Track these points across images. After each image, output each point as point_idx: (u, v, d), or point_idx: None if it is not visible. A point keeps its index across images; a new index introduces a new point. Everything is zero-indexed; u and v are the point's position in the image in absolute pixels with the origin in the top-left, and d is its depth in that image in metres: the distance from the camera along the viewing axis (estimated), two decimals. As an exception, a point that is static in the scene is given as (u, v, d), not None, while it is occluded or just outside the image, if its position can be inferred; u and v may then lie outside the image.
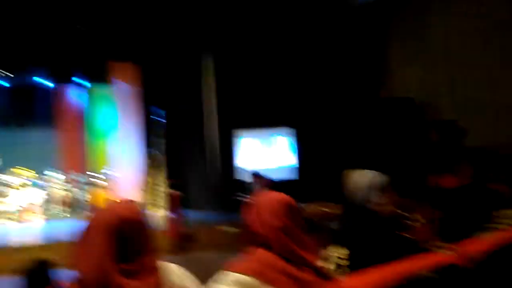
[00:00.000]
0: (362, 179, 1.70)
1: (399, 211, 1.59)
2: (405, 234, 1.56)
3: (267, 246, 1.42)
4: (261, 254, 1.41)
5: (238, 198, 7.82)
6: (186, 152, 12.15)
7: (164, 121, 11.24)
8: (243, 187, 8.57)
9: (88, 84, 12.65)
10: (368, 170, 1.75)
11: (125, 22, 9.55)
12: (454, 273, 1.06)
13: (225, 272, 1.35)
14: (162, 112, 11.31)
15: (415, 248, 1.52)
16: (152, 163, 10.54)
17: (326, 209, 5.19)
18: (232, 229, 8.08)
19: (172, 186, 8.53)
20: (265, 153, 10.62)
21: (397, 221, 1.59)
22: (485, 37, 7.61)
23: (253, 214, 1.50)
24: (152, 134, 11.27)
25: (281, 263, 1.36)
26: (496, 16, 7.39)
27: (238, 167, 10.37)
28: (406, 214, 1.61)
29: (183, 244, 7.52)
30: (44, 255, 4.81)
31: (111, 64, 10.72)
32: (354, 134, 9.10)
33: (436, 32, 8.72)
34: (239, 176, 10.22)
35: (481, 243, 1.25)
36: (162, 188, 10.32)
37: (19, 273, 2.64)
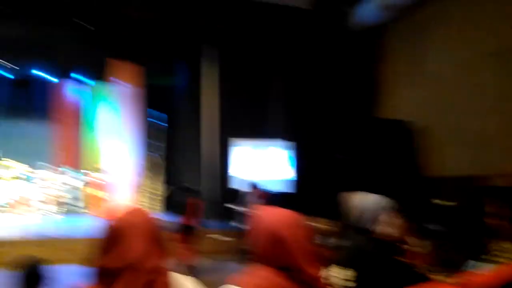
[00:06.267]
0: (367, 200, 1.71)
1: (400, 235, 1.61)
2: (404, 259, 1.58)
3: (268, 261, 1.42)
4: (262, 268, 1.41)
5: (232, 207, 7.79)
6: (183, 158, 12.09)
7: (165, 125, 11.21)
8: (238, 196, 8.55)
9: (89, 82, 12.67)
10: (371, 193, 1.76)
11: (130, 23, 9.59)
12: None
13: (226, 284, 1.35)
14: (163, 116, 11.29)
15: (414, 275, 1.54)
16: (151, 166, 10.50)
17: (320, 225, 5.19)
18: (224, 238, 8.05)
19: (188, 190, 7.77)
20: (261, 164, 10.60)
21: (397, 245, 1.61)
22: (478, 67, 7.71)
23: (256, 228, 1.49)
24: (151, 137, 11.24)
25: (280, 280, 1.36)
26: (487, 48, 7.49)
27: (233, 176, 10.35)
28: (405, 239, 1.63)
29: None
30: (35, 251, 4.77)
31: (112, 62, 10.73)
32: (347, 152, 9.16)
33: (432, 58, 8.84)
34: (234, 185, 10.21)
35: (483, 275, 1.27)
36: (159, 192, 10.29)
37: (13, 269, 2.61)
